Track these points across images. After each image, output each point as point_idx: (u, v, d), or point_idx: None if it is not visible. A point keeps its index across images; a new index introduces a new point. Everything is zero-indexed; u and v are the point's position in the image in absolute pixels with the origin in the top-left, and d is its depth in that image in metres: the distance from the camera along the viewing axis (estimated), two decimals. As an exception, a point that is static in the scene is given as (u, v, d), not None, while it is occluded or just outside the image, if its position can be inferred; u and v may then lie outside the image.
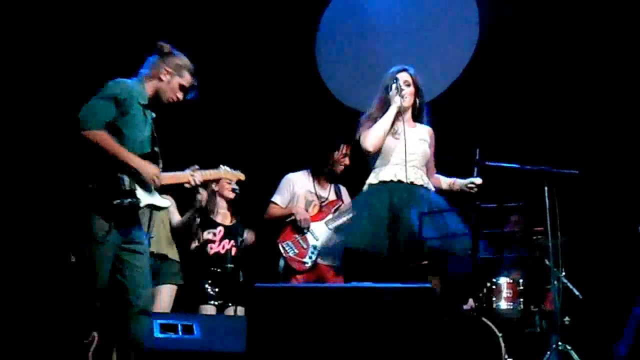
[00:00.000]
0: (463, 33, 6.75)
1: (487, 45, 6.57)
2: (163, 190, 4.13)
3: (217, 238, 5.71)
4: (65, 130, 4.07)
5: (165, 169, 4.14)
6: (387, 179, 4.53)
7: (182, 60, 4.16)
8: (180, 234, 5.82)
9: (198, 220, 5.76)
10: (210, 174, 4.30)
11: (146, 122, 4.07)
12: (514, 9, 6.48)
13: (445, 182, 4.80)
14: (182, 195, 5.83)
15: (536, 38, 6.40)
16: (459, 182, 4.73)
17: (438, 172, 4.84)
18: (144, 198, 3.98)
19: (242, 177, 4.53)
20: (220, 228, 5.70)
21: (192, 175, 4.18)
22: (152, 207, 4.14)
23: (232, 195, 5.67)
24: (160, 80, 4.08)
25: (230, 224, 5.73)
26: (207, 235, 5.64)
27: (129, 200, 3.90)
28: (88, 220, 3.85)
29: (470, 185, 4.64)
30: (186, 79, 4.14)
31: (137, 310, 3.93)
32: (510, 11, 6.50)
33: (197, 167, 4.24)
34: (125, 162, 3.87)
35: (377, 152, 4.60)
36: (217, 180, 5.73)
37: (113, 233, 3.87)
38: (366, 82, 4.81)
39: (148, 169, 3.93)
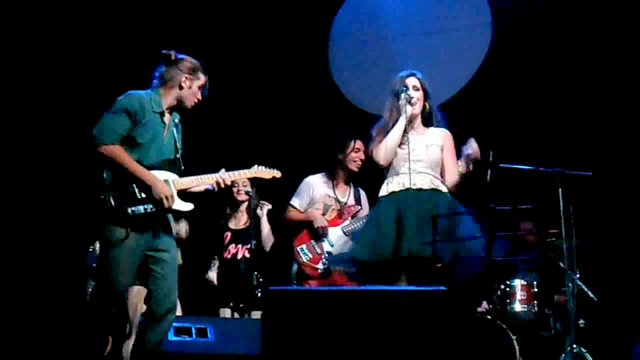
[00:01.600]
0: (476, 35, 6.74)
1: (500, 47, 6.56)
2: (190, 198, 4.18)
3: (226, 243, 5.73)
4: (81, 145, 4.18)
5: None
6: (396, 189, 4.53)
7: (193, 62, 4.22)
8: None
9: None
10: (240, 174, 4.39)
11: (165, 130, 4.13)
12: (526, 12, 6.46)
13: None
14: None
15: (549, 39, 6.38)
16: (460, 164, 4.59)
17: None
18: None
19: (278, 174, 4.58)
20: (227, 233, 5.72)
21: (219, 177, 4.24)
22: (174, 212, 4.16)
23: (243, 198, 5.71)
24: (181, 88, 4.15)
25: (243, 227, 5.74)
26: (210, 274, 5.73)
27: (144, 207, 3.96)
28: (103, 229, 3.95)
29: (468, 153, 4.50)
30: (202, 79, 4.22)
31: (158, 317, 4.00)
32: (522, 15, 6.48)
33: (224, 170, 4.30)
34: (138, 178, 3.95)
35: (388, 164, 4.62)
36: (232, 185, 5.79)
37: (132, 239, 3.93)
38: (379, 84, 4.80)
39: (159, 188, 3.98)
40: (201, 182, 4.24)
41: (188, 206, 4.18)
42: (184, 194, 4.16)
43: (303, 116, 6.86)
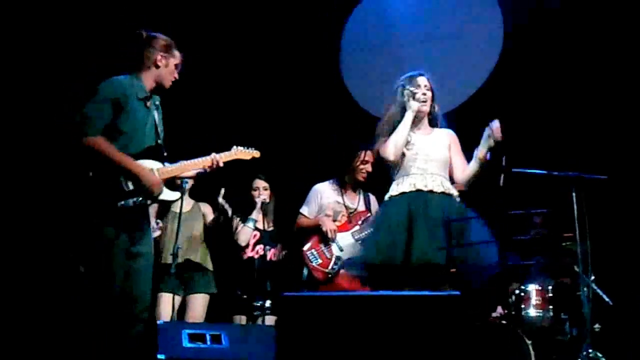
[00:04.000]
0: (487, 39, 6.73)
1: (512, 51, 6.55)
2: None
3: (252, 242, 5.76)
4: (62, 137, 4.03)
5: None
6: (407, 189, 4.51)
7: (166, 39, 4.07)
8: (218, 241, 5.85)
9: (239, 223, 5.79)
10: (222, 156, 4.23)
11: (148, 115, 3.98)
12: (538, 15, 6.45)
13: (472, 163, 4.57)
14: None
15: (561, 43, 6.36)
16: (480, 148, 4.48)
17: None
18: None
19: (256, 154, 4.45)
20: (256, 232, 5.74)
21: (201, 162, 4.10)
22: (161, 202, 4.06)
23: (259, 203, 5.72)
24: (158, 67, 4.00)
25: (267, 229, 5.75)
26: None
27: (134, 199, 3.81)
28: (95, 227, 3.78)
29: (488, 134, 4.42)
30: (177, 56, 4.07)
31: (136, 317, 3.85)
32: (534, 18, 6.46)
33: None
34: (125, 169, 3.79)
35: (396, 164, 4.58)
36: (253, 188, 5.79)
37: (122, 236, 3.79)
38: (392, 90, 4.79)
39: (147, 177, 3.84)
40: (185, 169, 4.11)
41: (175, 195, 4.08)
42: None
43: (315, 123, 6.86)
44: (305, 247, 5.43)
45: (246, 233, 5.72)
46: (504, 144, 4.51)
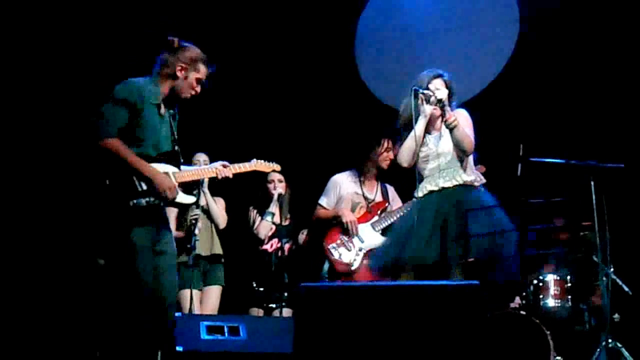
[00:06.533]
0: (503, 30, 6.70)
1: (529, 40, 6.51)
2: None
3: (267, 235, 5.76)
4: (79, 136, 4.04)
5: None
6: (421, 195, 4.52)
7: (195, 52, 4.01)
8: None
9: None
10: (240, 167, 4.30)
11: (162, 121, 3.97)
12: (554, 4, 6.40)
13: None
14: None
15: (579, 32, 6.31)
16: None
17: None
18: None
19: (277, 167, 4.53)
20: (273, 226, 5.74)
21: (219, 170, 4.18)
22: (177, 205, 4.07)
23: (275, 196, 5.71)
24: (176, 77, 3.96)
25: (283, 224, 5.75)
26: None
27: (147, 199, 3.82)
28: (109, 225, 3.81)
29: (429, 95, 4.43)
30: (202, 71, 4.01)
31: (167, 314, 3.88)
32: (550, 7, 6.42)
33: (225, 163, 4.24)
34: (139, 172, 3.80)
35: (416, 166, 4.58)
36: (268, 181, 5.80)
37: (139, 234, 3.81)
38: (407, 80, 4.76)
39: (161, 181, 3.83)
40: (202, 175, 4.21)
41: (190, 199, 4.09)
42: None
43: (331, 114, 6.85)
44: (326, 241, 5.42)
45: (266, 227, 5.73)
46: (521, 133, 4.50)
